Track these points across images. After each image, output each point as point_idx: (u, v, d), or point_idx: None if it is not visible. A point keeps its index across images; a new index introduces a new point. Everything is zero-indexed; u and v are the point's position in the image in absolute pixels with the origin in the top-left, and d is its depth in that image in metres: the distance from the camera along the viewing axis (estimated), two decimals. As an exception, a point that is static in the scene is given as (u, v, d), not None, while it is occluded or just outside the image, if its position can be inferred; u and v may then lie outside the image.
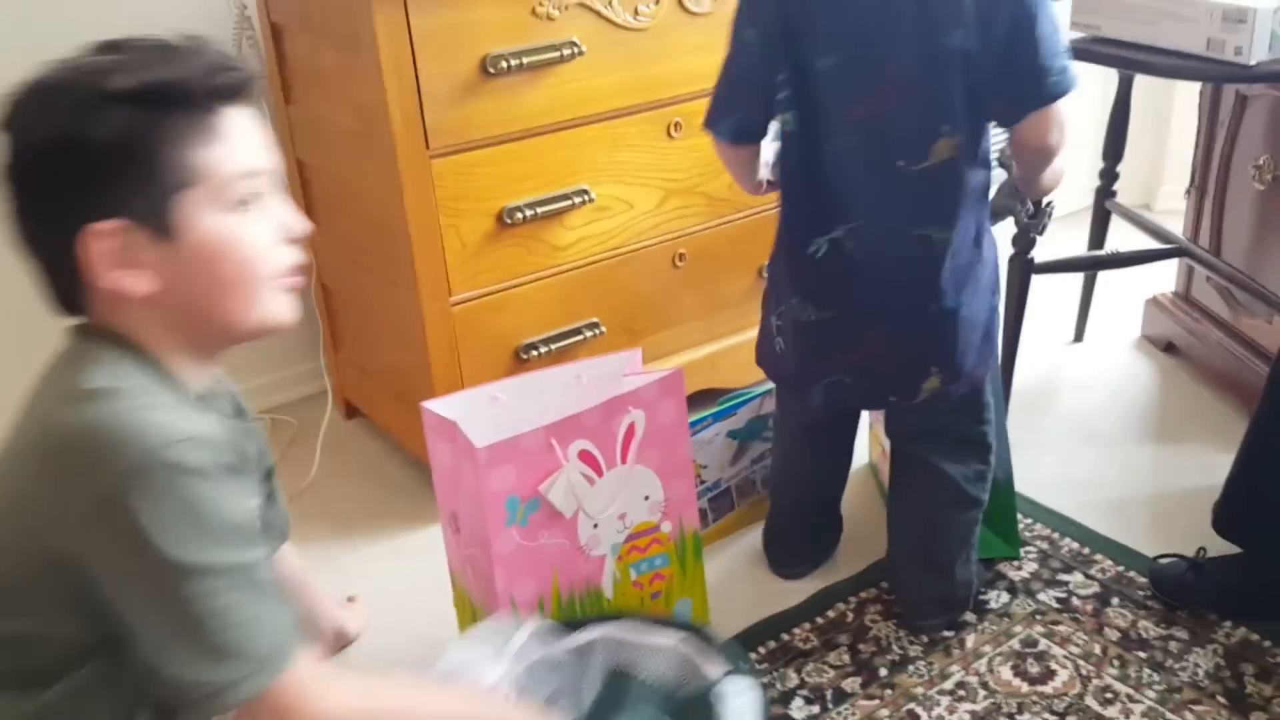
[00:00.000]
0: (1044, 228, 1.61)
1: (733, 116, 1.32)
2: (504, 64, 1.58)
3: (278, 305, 1.00)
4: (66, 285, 0.95)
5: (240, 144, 0.94)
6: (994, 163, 1.33)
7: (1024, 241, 1.87)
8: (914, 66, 1.19)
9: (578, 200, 1.72)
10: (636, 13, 1.69)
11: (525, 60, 1.60)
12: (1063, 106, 1.23)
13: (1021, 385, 2.09)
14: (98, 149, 0.88)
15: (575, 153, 1.71)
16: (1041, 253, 1.90)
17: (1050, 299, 2.29)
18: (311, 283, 2.03)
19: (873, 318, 1.32)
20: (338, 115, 1.73)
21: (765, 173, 1.39)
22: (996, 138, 1.34)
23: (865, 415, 1.74)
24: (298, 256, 1.00)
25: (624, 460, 1.37)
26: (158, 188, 0.90)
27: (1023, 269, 1.89)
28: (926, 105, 1.20)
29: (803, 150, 1.28)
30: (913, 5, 1.18)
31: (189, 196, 0.92)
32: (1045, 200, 1.56)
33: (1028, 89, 1.20)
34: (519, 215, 1.67)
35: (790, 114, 1.28)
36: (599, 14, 1.66)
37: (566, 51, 1.63)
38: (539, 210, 1.68)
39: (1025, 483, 1.75)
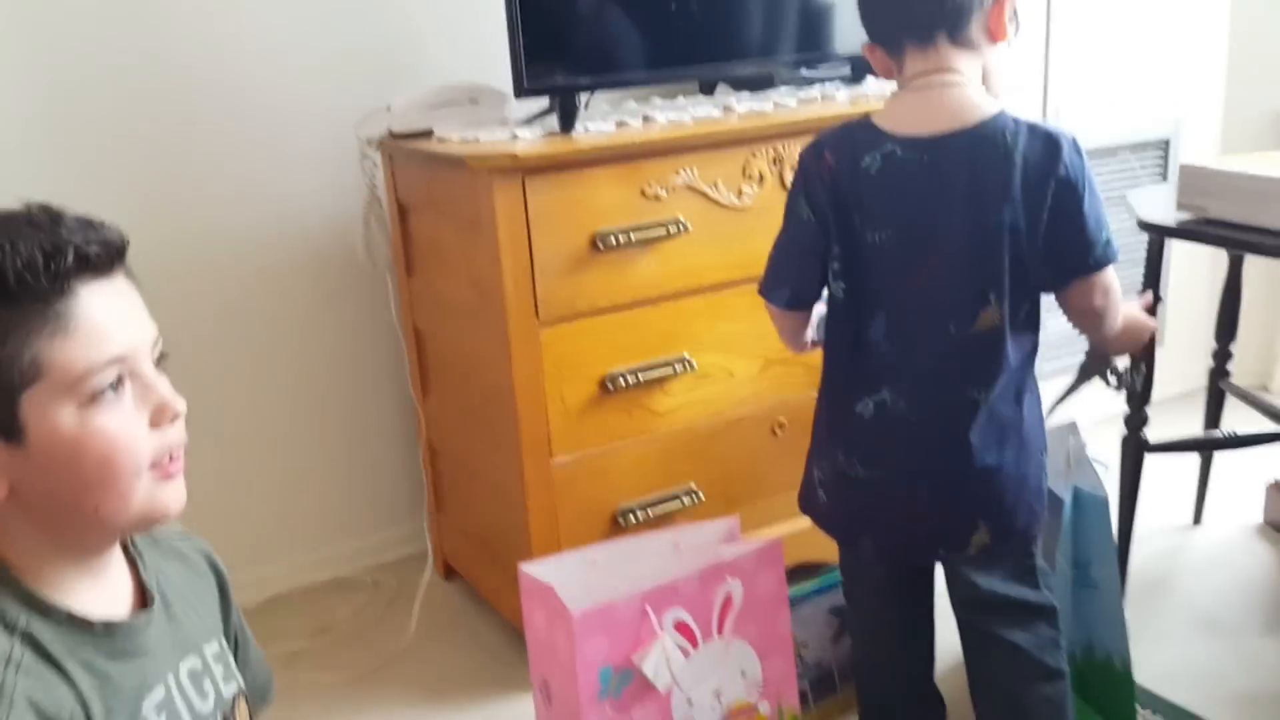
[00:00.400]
0: (1134, 386, 1.58)
1: (787, 286, 1.39)
2: (613, 240, 1.65)
3: (158, 496, 0.86)
4: None
5: (97, 331, 0.80)
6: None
7: (1136, 420, 1.83)
8: (964, 240, 1.24)
9: (679, 367, 1.75)
10: (740, 193, 1.76)
11: (634, 236, 1.67)
12: (1109, 275, 1.27)
13: (1138, 569, 2.00)
14: None
15: (678, 322, 1.76)
16: (1155, 433, 1.85)
17: (1166, 481, 2.22)
18: (420, 443, 2.10)
19: (919, 476, 1.32)
20: (455, 287, 1.82)
21: (812, 334, 1.44)
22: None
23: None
24: (175, 437, 0.86)
25: (720, 633, 1.35)
26: None
27: (1135, 449, 1.84)
28: (975, 275, 1.24)
29: (852, 316, 1.33)
30: (965, 184, 1.23)
31: (35, 395, 0.79)
32: (1134, 360, 1.54)
33: (1073, 261, 1.25)
34: (622, 381, 1.71)
35: (840, 283, 1.33)
36: (704, 195, 1.73)
37: (673, 229, 1.70)
38: (641, 376, 1.72)
39: (1144, 673, 1.65)
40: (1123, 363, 1.46)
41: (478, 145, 1.67)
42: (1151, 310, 1.47)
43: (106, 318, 0.81)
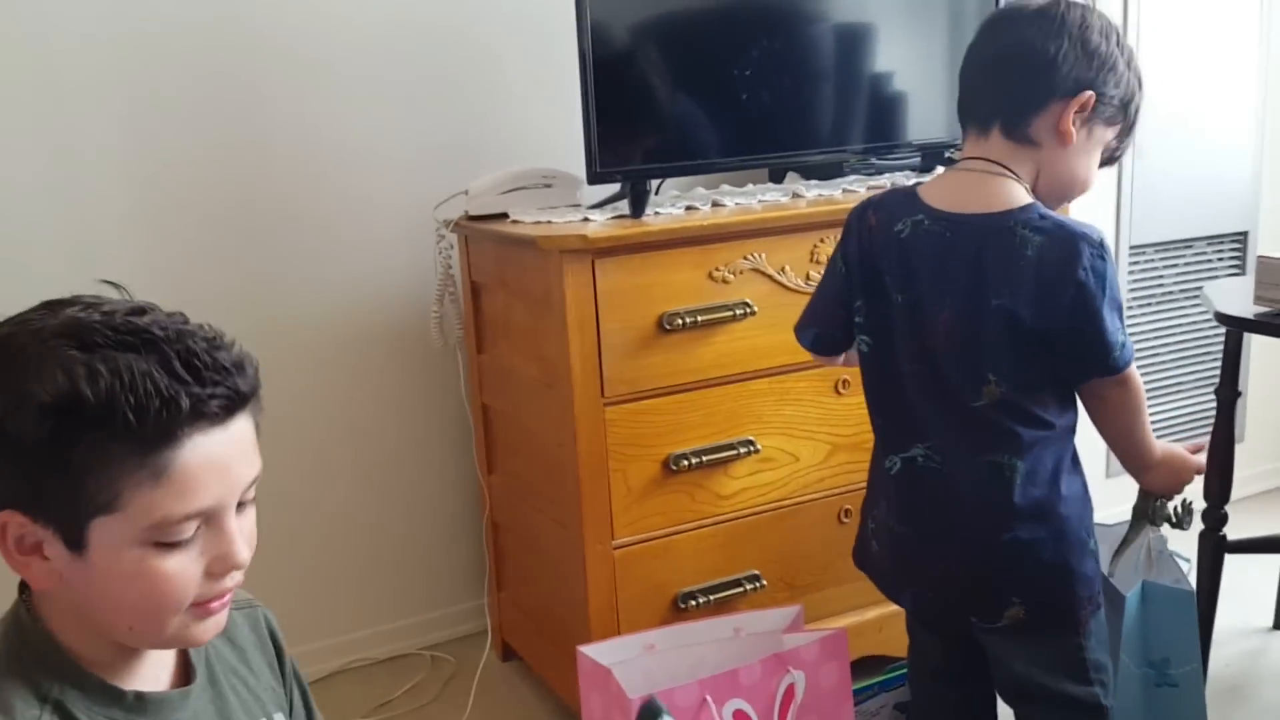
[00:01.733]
0: (1184, 524, 1.53)
1: (813, 329, 1.45)
2: (679, 321, 1.67)
3: (192, 628, 0.84)
4: None
5: (190, 486, 0.78)
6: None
7: (1215, 518, 1.78)
8: (963, 319, 1.25)
9: (743, 450, 1.75)
10: (808, 278, 1.77)
11: (700, 318, 1.68)
12: (1130, 377, 1.27)
13: (1218, 673, 1.92)
14: (12, 443, 0.76)
15: (743, 405, 1.75)
16: (1235, 531, 1.79)
17: (1246, 581, 2.13)
18: (484, 521, 2.11)
19: (948, 539, 1.31)
20: (523, 364, 1.84)
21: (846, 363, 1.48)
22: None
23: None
24: (229, 584, 0.84)
25: (781, 723, 1.32)
26: (76, 506, 0.77)
27: (1214, 547, 1.78)
28: (975, 354, 1.25)
29: (878, 371, 1.36)
30: (970, 264, 1.24)
31: (107, 523, 0.78)
32: (1183, 499, 1.51)
33: (1093, 361, 1.25)
34: (685, 463, 1.70)
35: (865, 337, 1.36)
36: (771, 278, 1.74)
37: (739, 311, 1.71)
38: (705, 459, 1.72)
39: (1228, 785, 1.58)
40: (1173, 504, 1.44)
41: (550, 227, 1.70)
42: (1200, 450, 1.44)
43: (203, 471, 0.79)
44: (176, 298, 0.87)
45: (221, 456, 0.80)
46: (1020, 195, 1.26)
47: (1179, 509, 1.47)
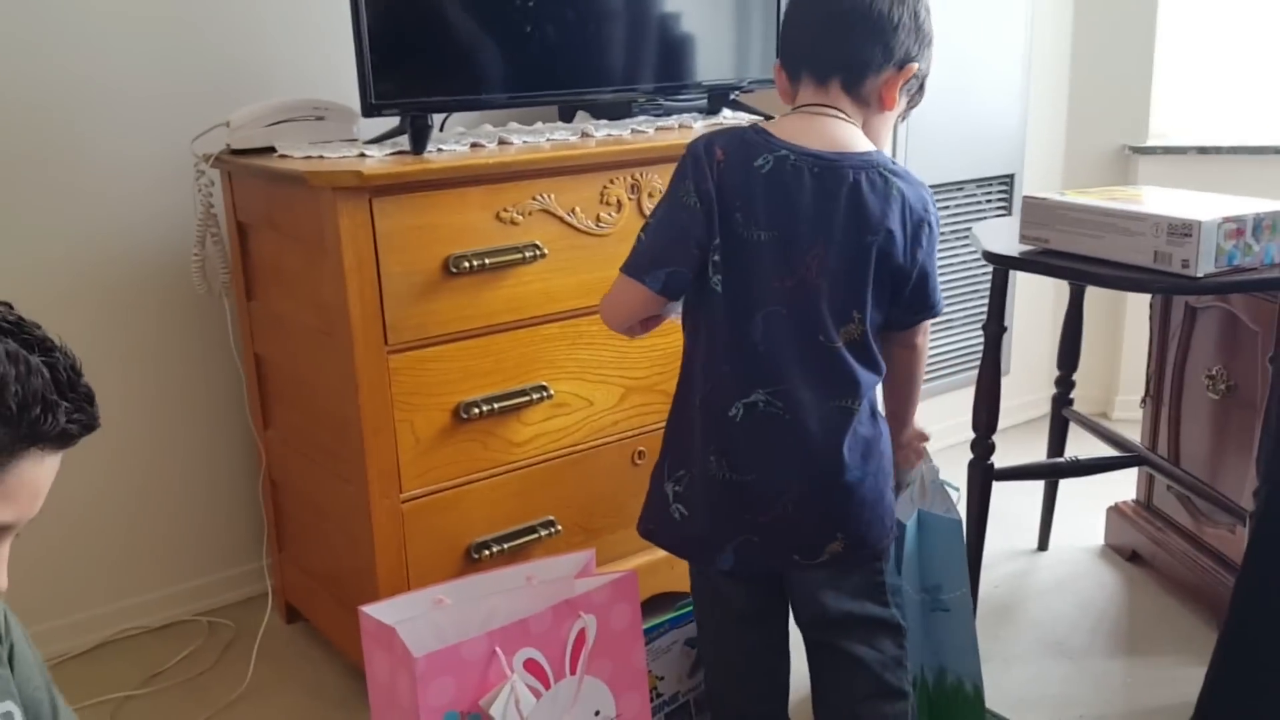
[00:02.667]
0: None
1: (666, 269, 1.34)
2: (466, 264, 1.60)
3: None
4: None
5: (13, 498, 0.78)
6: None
7: (982, 447, 1.87)
8: (838, 256, 1.29)
9: (536, 396, 1.71)
10: (599, 220, 1.73)
11: (488, 261, 1.62)
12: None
13: (987, 595, 2.04)
14: None
15: (534, 350, 1.71)
16: (1001, 460, 1.89)
17: (1012, 507, 2.28)
18: (260, 478, 1.99)
19: (789, 482, 1.33)
20: (298, 311, 1.73)
21: (674, 316, 1.42)
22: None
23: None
24: None
25: (573, 671, 1.30)
26: None
27: (982, 475, 1.88)
28: (844, 292, 1.30)
29: (730, 314, 1.32)
30: (847, 203, 1.28)
31: None
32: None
33: (924, 302, 1.38)
34: (475, 410, 1.65)
35: (719, 276, 1.32)
36: (561, 219, 1.70)
37: (529, 254, 1.65)
38: (496, 406, 1.67)
39: (995, 698, 1.67)
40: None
41: (321, 163, 1.59)
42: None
43: (26, 488, 0.78)
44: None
45: (44, 481, 0.80)
46: (866, 140, 1.33)
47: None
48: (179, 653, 1.94)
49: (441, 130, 1.90)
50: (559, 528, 1.77)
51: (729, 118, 2.04)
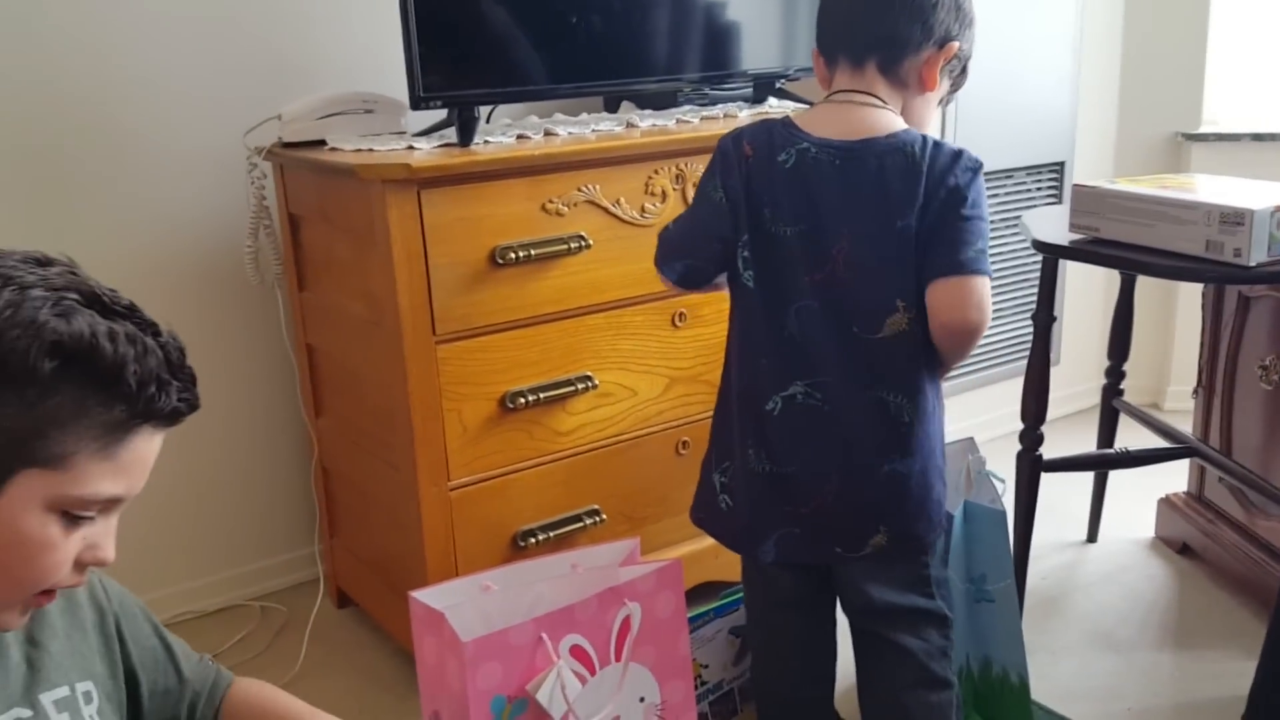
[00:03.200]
0: None
1: (683, 261, 1.38)
2: (512, 255, 1.61)
3: (11, 614, 0.83)
4: None
5: (125, 472, 0.81)
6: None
7: (1031, 438, 1.85)
8: (869, 245, 1.26)
9: (581, 386, 1.72)
10: (643, 210, 1.74)
11: (534, 252, 1.63)
12: (983, 286, 1.27)
13: (1035, 586, 2.03)
14: None
15: (579, 340, 1.72)
16: (1050, 451, 1.88)
17: (1061, 498, 2.26)
18: (313, 466, 2.02)
19: (828, 474, 1.33)
20: (349, 302, 1.76)
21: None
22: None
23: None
24: (78, 579, 0.84)
25: (618, 658, 1.31)
26: (19, 449, 0.76)
27: (1030, 467, 1.86)
28: (881, 281, 1.27)
29: (765, 308, 1.33)
30: (873, 189, 1.26)
31: (35, 477, 0.77)
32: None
33: (942, 258, 1.26)
34: (522, 400, 1.67)
35: (750, 272, 1.33)
36: (607, 210, 1.71)
37: (574, 244, 1.67)
38: (542, 395, 1.68)
39: (1041, 690, 1.67)
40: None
41: (371, 155, 1.62)
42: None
43: (137, 465, 0.83)
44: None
45: (151, 457, 0.84)
46: (900, 122, 1.30)
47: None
48: (232, 637, 1.98)
49: (488, 122, 1.92)
50: (604, 516, 1.79)
51: (774, 107, 2.04)
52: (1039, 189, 2.70)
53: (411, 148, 1.66)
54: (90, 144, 1.85)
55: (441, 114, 1.74)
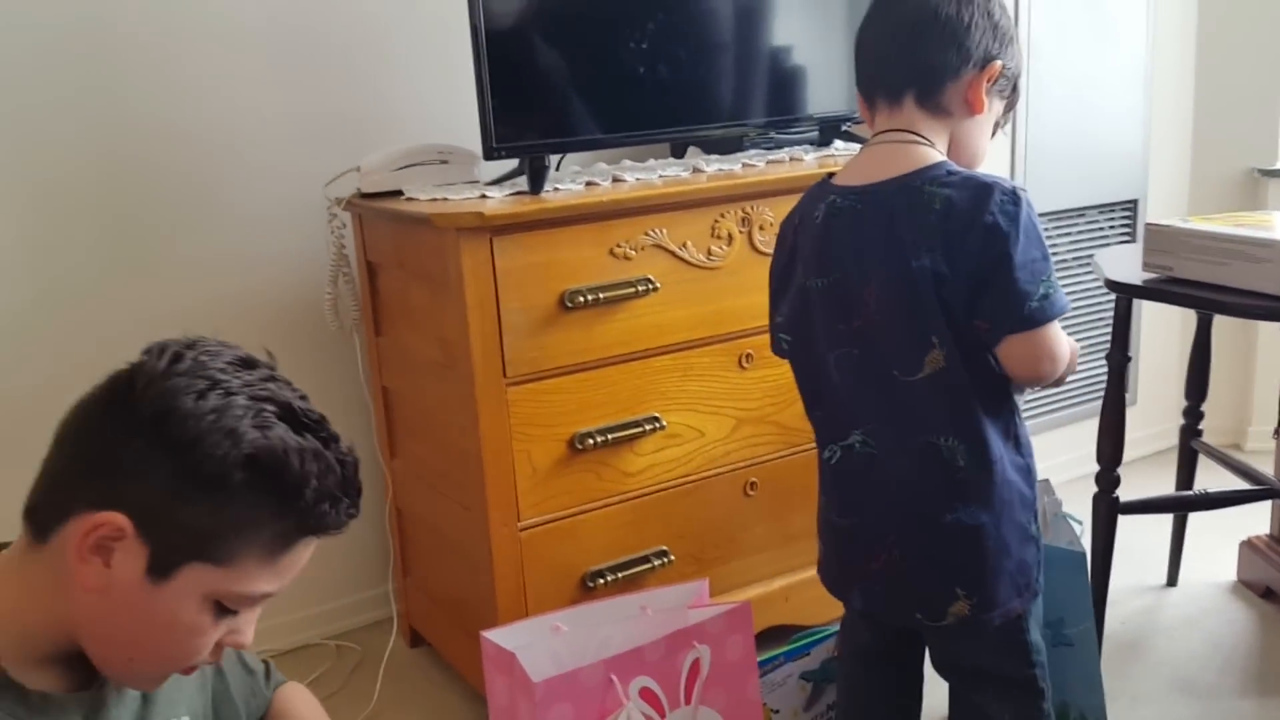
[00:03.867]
0: None
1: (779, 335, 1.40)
2: (581, 299, 1.65)
3: (143, 679, 0.90)
4: (46, 521, 0.84)
5: (281, 575, 0.87)
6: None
7: (1108, 480, 1.82)
8: (891, 288, 1.22)
9: (649, 427, 1.74)
10: (709, 253, 1.76)
11: (602, 295, 1.66)
12: (1053, 335, 1.21)
13: (1114, 631, 1.98)
14: (191, 463, 0.81)
15: (647, 382, 1.74)
16: (1128, 493, 1.84)
17: (1140, 541, 2.21)
18: (387, 506, 2.07)
19: (888, 524, 1.30)
20: (423, 346, 1.80)
21: None
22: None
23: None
24: (213, 660, 0.90)
25: (688, 701, 1.32)
26: (192, 545, 0.82)
27: (1108, 509, 1.83)
28: (911, 322, 1.22)
29: (803, 363, 1.35)
30: (881, 233, 1.23)
31: (204, 573, 0.83)
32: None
33: (1003, 312, 1.19)
34: (590, 441, 1.69)
35: (785, 336, 1.36)
36: (674, 254, 1.73)
37: (641, 288, 1.69)
38: (610, 437, 1.70)
39: (1121, 738, 1.63)
40: None
41: (445, 204, 1.67)
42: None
43: (294, 567, 0.88)
44: (69, 301, 0.86)
45: (305, 560, 0.89)
46: (931, 155, 1.24)
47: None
48: (308, 676, 2.02)
49: (558, 169, 1.96)
50: (672, 558, 1.79)
51: (840, 149, 2.05)
52: (1112, 227, 2.66)
53: (484, 196, 1.70)
54: (180, 199, 1.93)
55: (513, 163, 1.79)
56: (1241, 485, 2.01)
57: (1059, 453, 2.59)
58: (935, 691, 1.46)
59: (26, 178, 1.81)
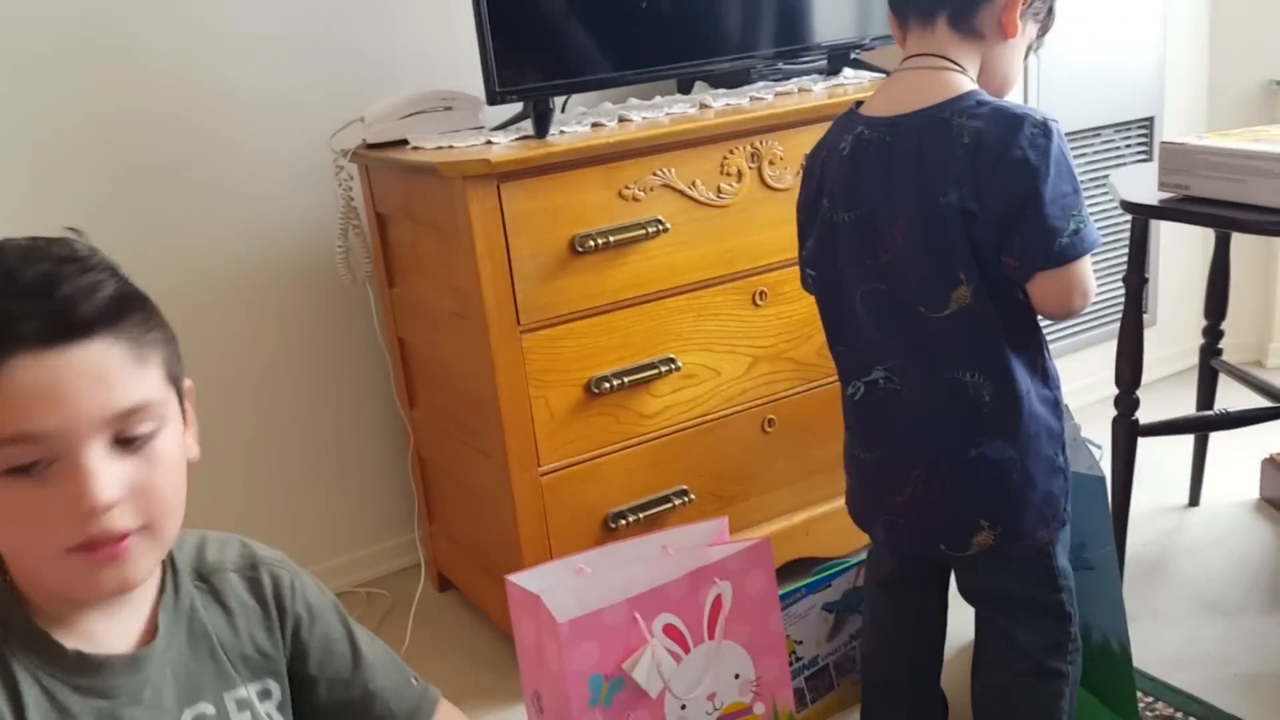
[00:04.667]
0: None
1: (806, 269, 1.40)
2: (592, 242, 1.64)
3: (87, 578, 0.79)
4: None
5: (14, 408, 0.73)
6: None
7: (1127, 402, 1.82)
8: (919, 223, 1.21)
9: (664, 369, 1.74)
10: (719, 191, 1.75)
11: (612, 239, 1.66)
12: (1083, 271, 1.20)
13: (1136, 553, 1.99)
14: None
15: (661, 323, 1.74)
16: (1148, 414, 1.84)
17: (1161, 462, 2.20)
18: (409, 455, 2.09)
19: (913, 459, 1.30)
20: (436, 296, 1.81)
21: None
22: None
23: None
24: (99, 529, 0.77)
25: (711, 635, 1.34)
26: None
27: (1127, 431, 1.83)
28: (938, 258, 1.21)
29: (827, 298, 1.35)
30: (910, 167, 1.21)
31: None
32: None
33: (1033, 249, 1.17)
34: (606, 385, 1.69)
35: (810, 270, 1.36)
36: (683, 194, 1.72)
37: (651, 229, 1.68)
38: (626, 380, 1.71)
39: (1144, 657, 1.64)
40: None
41: (451, 152, 1.66)
42: None
43: (28, 395, 0.73)
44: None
45: (52, 382, 0.74)
46: (961, 84, 1.22)
47: None
48: (342, 621, 2.06)
49: (563, 111, 1.94)
50: (692, 497, 1.81)
51: (850, 78, 2.02)
52: (1128, 146, 2.62)
53: (490, 143, 1.69)
54: (186, 156, 1.92)
55: (518, 108, 1.77)
56: (1263, 403, 2.00)
57: (1077, 376, 2.57)
58: (961, 618, 1.48)
59: (33, 132, 1.80)
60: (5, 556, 0.82)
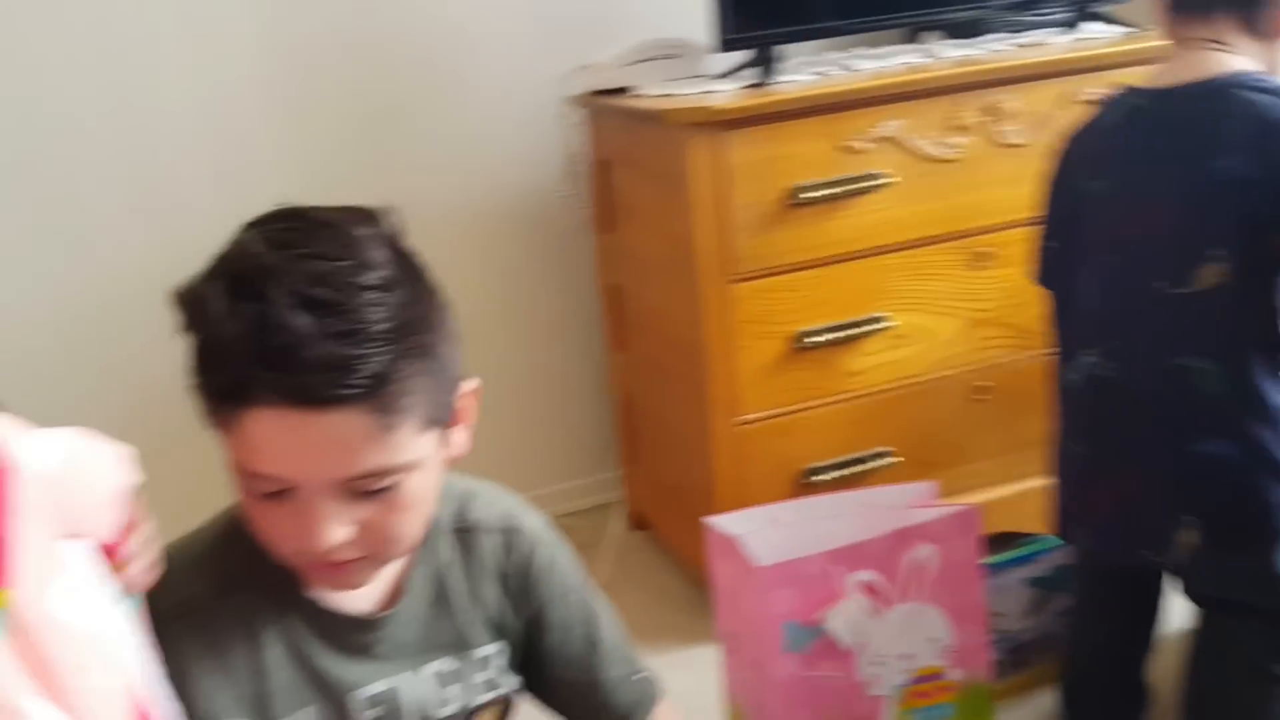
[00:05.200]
0: None
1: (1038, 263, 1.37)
2: (810, 195, 1.62)
3: (310, 575, 0.85)
4: None
5: (255, 448, 0.75)
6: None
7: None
8: (1177, 192, 1.16)
9: (875, 327, 1.71)
10: (946, 146, 1.69)
11: (832, 191, 1.63)
12: None
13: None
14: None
15: (875, 280, 1.71)
16: None
17: None
18: (615, 397, 2.14)
19: (1127, 454, 1.23)
20: (650, 243, 1.83)
21: None
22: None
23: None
24: (323, 559, 0.79)
25: (911, 597, 1.32)
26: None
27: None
28: (1191, 229, 1.15)
29: (1061, 271, 1.31)
30: (1181, 132, 1.17)
31: (229, 441, 0.78)
32: None
33: None
34: (814, 340, 1.68)
35: (1053, 243, 1.32)
36: (907, 147, 1.67)
37: (872, 183, 1.65)
38: (835, 336, 1.69)
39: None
40: None
41: (675, 100, 1.67)
42: None
43: (268, 443, 0.75)
44: (318, 195, 0.88)
45: (291, 441, 0.74)
46: (1240, 63, 1.18)
47: None
48: (538, 552, 2.14)
49: (788, 61, 1.92)
50: (894, 459, 1.78)
51: (1095, 32, 1.91)
52: None
53: (713, 91, 1.69)
54: (416, 94, 2.01)
55: (739, 57, 1.76)
56: None
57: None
58: (1177, 607, 1.40)
59: (284, 60, 1.93)
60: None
